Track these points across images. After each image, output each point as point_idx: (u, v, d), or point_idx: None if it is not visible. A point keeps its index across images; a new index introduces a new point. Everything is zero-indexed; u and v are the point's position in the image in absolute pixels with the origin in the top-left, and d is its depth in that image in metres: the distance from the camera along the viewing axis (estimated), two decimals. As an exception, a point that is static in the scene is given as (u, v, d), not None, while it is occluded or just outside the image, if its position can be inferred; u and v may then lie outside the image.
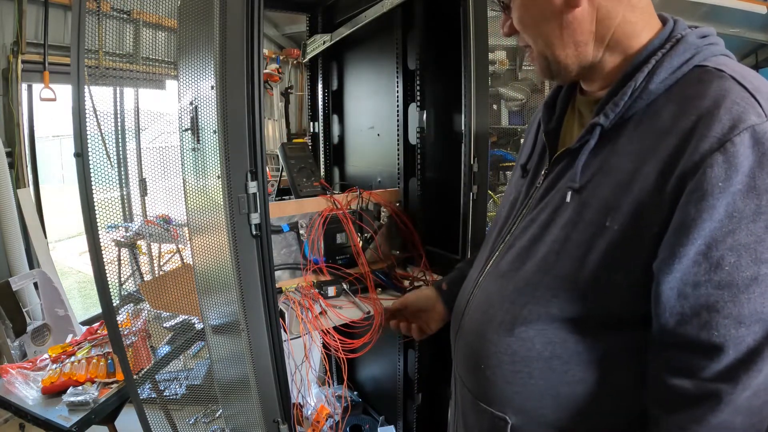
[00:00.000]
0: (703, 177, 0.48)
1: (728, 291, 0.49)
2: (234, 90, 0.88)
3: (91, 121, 1.09)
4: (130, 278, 2.89)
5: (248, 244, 0.93)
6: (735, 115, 0.48)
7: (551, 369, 0.63)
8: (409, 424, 1.62)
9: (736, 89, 0.51)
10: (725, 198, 0.48)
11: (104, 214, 1.17)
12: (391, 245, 1.43)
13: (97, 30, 1.92)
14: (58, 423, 1.35)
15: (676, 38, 0.58)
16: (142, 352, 1.61)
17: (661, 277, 0.52)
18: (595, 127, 0.60)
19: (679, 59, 0.56)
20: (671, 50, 0.57)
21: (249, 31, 0.87)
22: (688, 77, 0.55)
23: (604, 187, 0.58)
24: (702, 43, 0.57)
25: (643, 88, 0.57)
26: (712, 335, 0.50)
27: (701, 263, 0.50)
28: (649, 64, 0.57)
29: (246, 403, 1.05)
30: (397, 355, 1.57)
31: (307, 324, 1.06)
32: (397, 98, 1.44)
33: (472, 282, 0.77)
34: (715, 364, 0.51)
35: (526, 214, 0.69)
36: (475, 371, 0.71)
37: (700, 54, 0.56)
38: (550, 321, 0.62)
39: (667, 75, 0.56)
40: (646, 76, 0.57)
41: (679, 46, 0.56)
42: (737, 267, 0.48)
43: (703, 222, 0.48)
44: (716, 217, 0.48)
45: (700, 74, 0.55)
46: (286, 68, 4.90)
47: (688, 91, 0.54)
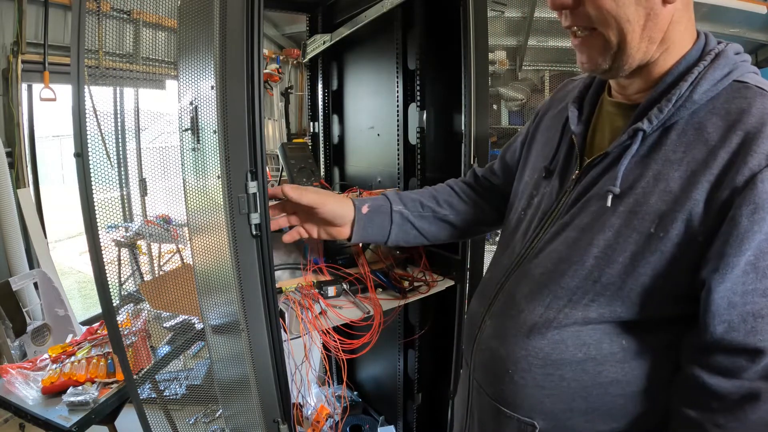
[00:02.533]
0: (754, 191, 0.51)
1: None
2: (234, 90, 0.88)
3: (91, 121, 1.09)
4: (130, 278, 2.89)
5: (248, 244, 0.93)
6: None
7: (584, 371, 0.64)
8: (409, 424, 1.62)
9: None
10: None
11: (104, 214, 1.17)
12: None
13: (97, 30, 1.92)
14: (58, 423, 1.35)
15: (715, 52, 0.60)
16: (142, 352, 1.61)
17: (714, 287, 0.54)
18: (638, 132, 0.60)
19: (720, 72, 0.58)
20: (712, 63, 0.58)
21: (249, 31, 0.87)
22: (729, 91, 0.58)
23: (649, 194, 0.58)
24: (738, 59, 0.60)
25: (687, 97, 0.58)
26: (757, 340, 0.53)
27: (749, 273, 0.52)
28: (693, 74, 0.58)
29: (246, 403, 1.05)
30: (397, 355, 1.57)
31: (307, 324, 1.06)
32: (397, 98, 1.44)
33: (493, 287, 0.76)
34: (756, 365, 0.54)
35: (557, 218, 0.69)
36: (499, 377, 0.70)
37: (738, 70, 0.58)
38: (585, 324, 0.63)
39: (709, 87, 0.57)
40: (690, 86, 0.58)
41: (720, 60, 0.58)
42: None
43: (754, 234, 0.51)
44: (765, 229, 0.51)
45: (741, 90, 0.57)
46: (286, 68, 4.90)
47: (732, 105, 0.56)
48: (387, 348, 1.61)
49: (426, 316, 1.47)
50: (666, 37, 0.60)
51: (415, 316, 1.50)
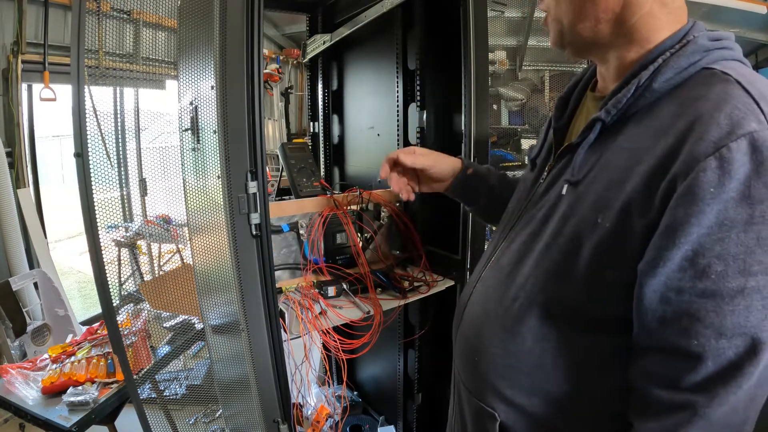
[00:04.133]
0: (694, 181, 0.47)
1: (712, 300, 0.48)
2: (234, 90, 0.88)
3: (91, 121, 1.09)
4: (130, 278, 2.89)
5: (248, 244, 0.93)
6: (734, 120, 0.47)
7: (542, 366, 0.63)
8: (409, 424, 1.62)
9: (739, 94, 0.49)
10: (716, 204, 0.46)
11: (104, 214, 1.17)
12: (391, 245, 1.43)
13: (97, 30, 1.92)
14: (58, 423, 1.35)
15: (688, 39, 0.57)
16: (142, 352, 1.61)
17: (645, 279, 0.51)
18: (596, 123, 0.60)
19: (686, 60, 0.55)
20: (680, 50, 0.56)
21: (249, 31, 0.87)
22: (694, 79, 0.55)
23: (598, 183, 0.57)
24: (713, 45, 0.56)
25: (647, 86, 0.56)
26: (691, 343, 0.49)
27: (686, 269, 0.48)
28: (656, 63, 0.56)
29: (246, 403, 1.05)
30: (397, 355, 1.57)
31: (307, 324, 1.06)
32: (397, 98, 1.44)
33: (476, 276, 0.77)
34: (692, 374, 0.49)
35: (529, 209, 0.69)
36: (470, 364, 0.71)
37: (709, 56, 0.55)
38: (544, 318, 0.62)
39: (672, 75, 0.55)
40: (651, 74, 0.56)
41: (688, 47, 0.56)
42: (723, 276, 0.47)
43: (691, 227, 0.47)
44: (705, 223, 0.46)
45: (705, 76, 0.54)
46: (286, 68, 4.90)
47: (691, 92, 0.53)
48: (387, 348, 1.61)
49: (426, 316, 1.47)
50: (635, 28, 0.59)
51: (415, 316, 1.50)
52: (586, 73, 0.74)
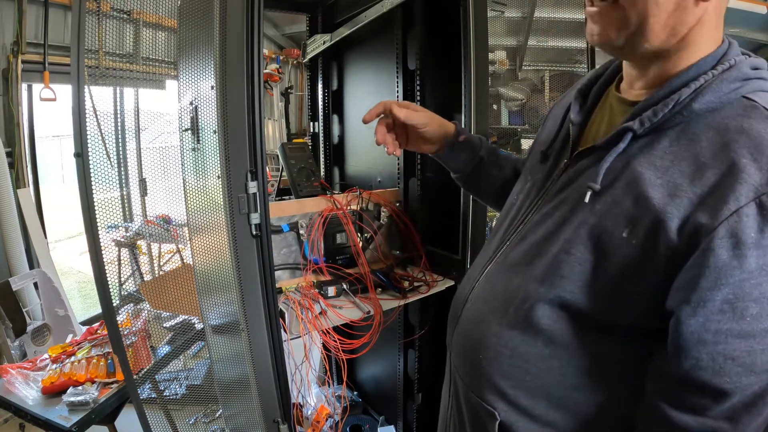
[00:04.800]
0: (737, 225, 0.48)
1: (746, 341, 0.49)
2: (234, 90, 0.88)
3: (91, 121, 1.09)
4: (130, 278, 2.89)
5: (248, 244, 0.93)
6: None
7: (549, 369, 0.62)
8: (409, 424, 1.62)
9: None
10: (757, 250, 0.47)
11: (104, 214, 1.17)
12: (391, 245, 1.43)
13: (97, 30, 1.92)
14: (58, 423, 1.35)
15: (730, 63, 0.56)
16: (142, 352, 1.61)
17: (684, 319, 0.52)
18: (627, 132, 0.58)
19: (728, 86, 0.54)
20: (722, 74, 0.55)
21: (249, 31, 0.87)
22: (734, 107, 0.54)
23: (627, 197, 0.56)
24: (753, 74, 0.56)
25: (686, 105, 0.55)
26: (723, 381, 0.51)
27: (726, 312, 0.50)
28: (698, 82, 0.55)
29: (246, 403, 1.05)
30: (397, 355, 1.57)
31: (307, 324, 1.06)
32: (397, 98, 1.44)
33: (479, 269, 0.75)
34: (720, 406, 0.51)
35: (541, 206, 0.67)
36: (471, 361, 0.70)
37: (749, 85, 0.55)
38: (555, 321, 0.61)
39: (713, 98, 0.54)
40: (692, 93, 0.55)
41: (731, 72, 0.55)
42: (758, 318, 0.49)
43: (733, 270, 0.48)
44: (746, 268, 0.48)
45: (746, 107, 0.53)
46: (286, 68, 4.90)
47: (732, 122, 0.53)
48: (387, 348, 1.61)
49: (426, 316, 1.47)
50: (688, 36, 0.56)
51: (415, 316, 1.50)
52: (609, 67, 0.72)
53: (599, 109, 0.70)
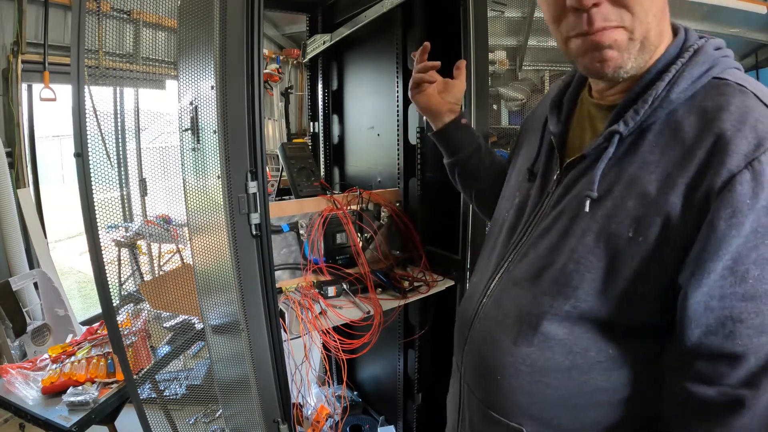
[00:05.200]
0: (731, 194, 0.49)
1: (752, 303, 0.50)
2: (234, 90, 0.88)
3: (91, 121, 1.09)
4: (130, 278, 2.89)
5: (248, 244, 0.93)
6: (760, 132, 0.50)
7: (570, 378, 0.63)
8: (409, 424, 1.62)
9: (758, 107, 0.52)
10: (752, 214, 0.48)
11: (104, 214, 1.17)
12: (391, 245, 1.43)
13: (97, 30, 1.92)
14: (58, 423, 1.35)
15: (693, 48, 0.58)
16: (142, 352, 1.61)
17: (690, 292, 0.53)
18: (614, 135, 0.59)
19: (698, 69, 0.56)
20: (690, 60, 0.57)
21: (249, 31, 0.87)
22: (707, 89, 0.56)
23: (628, 198, 0.57)
24: (718, 54, 0.58)
25: (664, 97, 0.56)
26: (735, 345, 0.51)
27: (727, 277, 0.51)
28: (670, 73, 0.56)
29: (246, 403, 1.05)
30: (397, 355, 1.57)
31: (307, 324, 1.06)
32: (397, 98, 1.44)
33: (481, 290, 0.75)
34: (737, 372, 0.52)
35: (540, 220, 0.67)
36: (488, 381, 0.69)
37: (717, 66, 0.57)
38: (571, 331, 0.61)
39: (687, 85, 0.56)
40: (667, 85, 0.56)
41: (699, 57, 0.57)
42: (760, 280, 0.50)
43: (732, 238, 0.49)
44: (743, 233, 0.49)
45: (719, 87, 0.55)
46: (286, 68, 4.90)
47: (710, 103, 0.54)
48: (387, 348, 1.61)
49: (426, 316, 1.47)
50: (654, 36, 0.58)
51: (415, 316, 1.50)
52: (575, 74, 0.72)
53: (577, 117, 0.71)
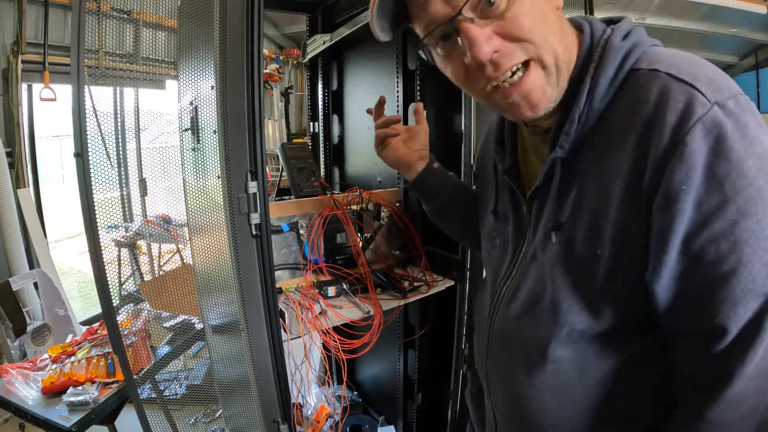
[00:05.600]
0: (667, 185, 0.49)
1: (717, 279, 0.50)
2: (234, 90, 0.88)
3: (91, 121, 1.09)
4: (130, 278, 2.89)
5: (248, 244, 0.93)
6: (679, 113, 0.48)
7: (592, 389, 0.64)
8: (409, 424, 1.62)
9: (674, 86, 0.50)
10: (690, 196, 0.48)
11: (104, 214, 1.17)
12: (391, 245, 1.43)
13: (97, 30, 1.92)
14: (58, 423, 1.35)
15: (601, 46, 0.57)
16: (142, 352, 1.61)
17: (654, 285, 0.54)
18: (555, 162, 0.59)
19: (611, 70, 0.55)
20: (601, 62, 0.56)
21: (249, 31, 0.87)
22: (627, 85, 0.55)
23: (584, 218, 0.57)
24: (627, 44, 0.56)
25: (589, 110, 0.56)
26: (712, 321, 0.52)
27: (683, 261, 0.51)
28: (586, 84, 0.56)
29: (246, 403, 1.05)
30: (397, 355, 1.57)
31: (307, 324, 1.06)
32: (397, 98, 1.44)
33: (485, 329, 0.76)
34: (720, 344, 0.52)
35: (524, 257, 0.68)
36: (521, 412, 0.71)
37: (630, 58, 0.55)
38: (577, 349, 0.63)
39: (605, 90, 0.55)
40: (587, 98, 0.56)
41: (608, 57, 0.55)
42: (718, 256, 0.49)
43: (677, 225, 0.49)
44: (686, 216, 0.49)
45: (636, 80, 0.54)
46: (286, 68, 4.90)
47: (631, 99, 0.54)
48: (387, 348, 1.61)
49: (426, 316, 1.47)
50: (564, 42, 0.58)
51: (415, 316, 1.50)
52: None
53: (521, 148, 0.71)
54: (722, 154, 0.47)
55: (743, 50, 5.16)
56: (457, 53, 0.57)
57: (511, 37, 0.54)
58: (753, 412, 0.53)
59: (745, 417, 0.53)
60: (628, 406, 0.63)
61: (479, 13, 0.54)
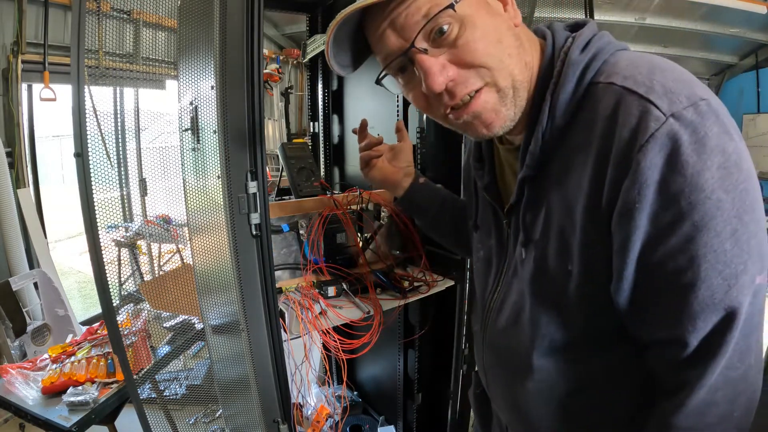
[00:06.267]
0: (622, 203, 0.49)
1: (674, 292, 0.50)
2: (234, 90, 0.88)
3: (91, 121, 1.09)
4: (130, 278, 2.89)
5: (248, 244, 0.93)
6: (632, 129, 0.47)
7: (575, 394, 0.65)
8: (409, 424, 1.62)
9: (627, 100, 0.49)
10: (644, 213, 0.48)
11: (104, 214, 1.17)
12: (391, 245, 1.43)
13: (97, 30, 1.92)
14: (58, 423, 1.35)
15: (561, 60, 0.55)
16: (142, 352, 1.61)
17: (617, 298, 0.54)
18: (524, 183, 0.60)
19: (570, 85, 0.54)
20: (560, 79, 0.55)
21: (249, 31, 0.87)
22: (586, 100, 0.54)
23: (553, 235, 0.58)
24: (585, 58, 0.54)
25: (552, 127, 0.56)
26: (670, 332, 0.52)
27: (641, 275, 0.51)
28: (546, 101, 0.55)
29: (246, 403, 1.05)
30: (397, 355, 1.57)
31: (307, 324, 1.06)
32: (397, 98, 1.44)
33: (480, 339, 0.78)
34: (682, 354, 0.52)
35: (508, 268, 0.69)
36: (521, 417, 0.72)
37: (588, 72, 0.54)
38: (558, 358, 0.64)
39: (565, 106, 0.54)
40: (549, 115, 0.55)
41: (567, 72, 0.54)
42: (676, 270, 0.49)
43: (633, 243, 0.49)
44: (641, 232, 0.49)
45: (595, 94, 0.53)
46: (286, 68, 4.90)
47: (588, 116, 0.53)
48: (387, 348, 1.61)
49: (426, 316, 1.47)
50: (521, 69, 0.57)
51: (415, 316, 1.50)
52: None
53: (498, 165, 0.72)
54: (676, 168, 0.46)
55: (743, 50, 5.16)
56: (416, 82, 0.58)
57: (465, 64, 0.54)
58: (724, 419, 0.53)
59: (714, 424, 0.53)
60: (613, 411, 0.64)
61: (432, 43, 0.54)
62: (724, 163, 0.46)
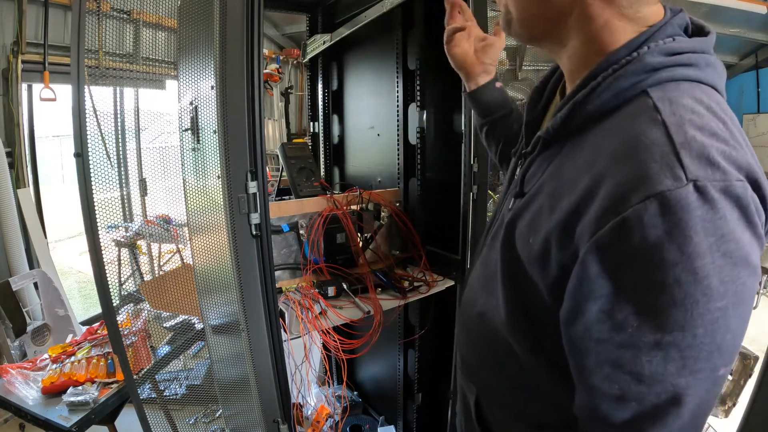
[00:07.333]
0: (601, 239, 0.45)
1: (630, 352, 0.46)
2: (234, 90, 0.88)
3: (91, 121, 1.09)
4: (130, 278, 2.89)
5: (248, 244, 0.93)
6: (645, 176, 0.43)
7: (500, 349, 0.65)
8: (409, 424, 1.62)
9: (658, 141, 0.44)
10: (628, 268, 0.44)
11: (104, 214, 1.18)
12: (391, 245, 1.43)
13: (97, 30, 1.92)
14: (58, 423, 1.35)
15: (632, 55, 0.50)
16: (142, 352, 1.61)
17: (567, 328, 0.50)
18: (538, 139, 0.59)
19: (627, 81, 0.49)
20: (621, 69, 0.49)
21: (249, 31, 0.87)
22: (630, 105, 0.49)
23: (534, 204, 0.56)
24: (666, 62, 0.49)
25: (580, 107, 0.52)
26: (613, 387, 0.48)
27: (605, 321, 0.47)
28: (596, 81, 0.51)
29: (246, 403, 1.05)
30: (397, 355, 1.57)
31: (307, 324, 1.06)
32: (397, 98, 1.44)
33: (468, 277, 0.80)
34: (620, 414, 0.48)
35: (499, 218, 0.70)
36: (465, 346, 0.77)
37: (655, 76, 0.48)
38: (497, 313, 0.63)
39: (609, 98, 0.50)
40: (587, 93, 0.51)
41: (631, 65, 0.49)
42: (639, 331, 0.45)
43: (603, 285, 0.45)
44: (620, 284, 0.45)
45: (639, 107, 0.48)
46: (286, 68, 4.90)
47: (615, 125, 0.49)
48: (387, 348, 1.61)
49: (426, 316, 1.47)
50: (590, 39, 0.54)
51: (415, 316, 1.50)
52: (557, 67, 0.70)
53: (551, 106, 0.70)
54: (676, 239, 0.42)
55: (743, 50, 5.16)
56: None
57: None
58: None
59: None
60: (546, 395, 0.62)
61: None
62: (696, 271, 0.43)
